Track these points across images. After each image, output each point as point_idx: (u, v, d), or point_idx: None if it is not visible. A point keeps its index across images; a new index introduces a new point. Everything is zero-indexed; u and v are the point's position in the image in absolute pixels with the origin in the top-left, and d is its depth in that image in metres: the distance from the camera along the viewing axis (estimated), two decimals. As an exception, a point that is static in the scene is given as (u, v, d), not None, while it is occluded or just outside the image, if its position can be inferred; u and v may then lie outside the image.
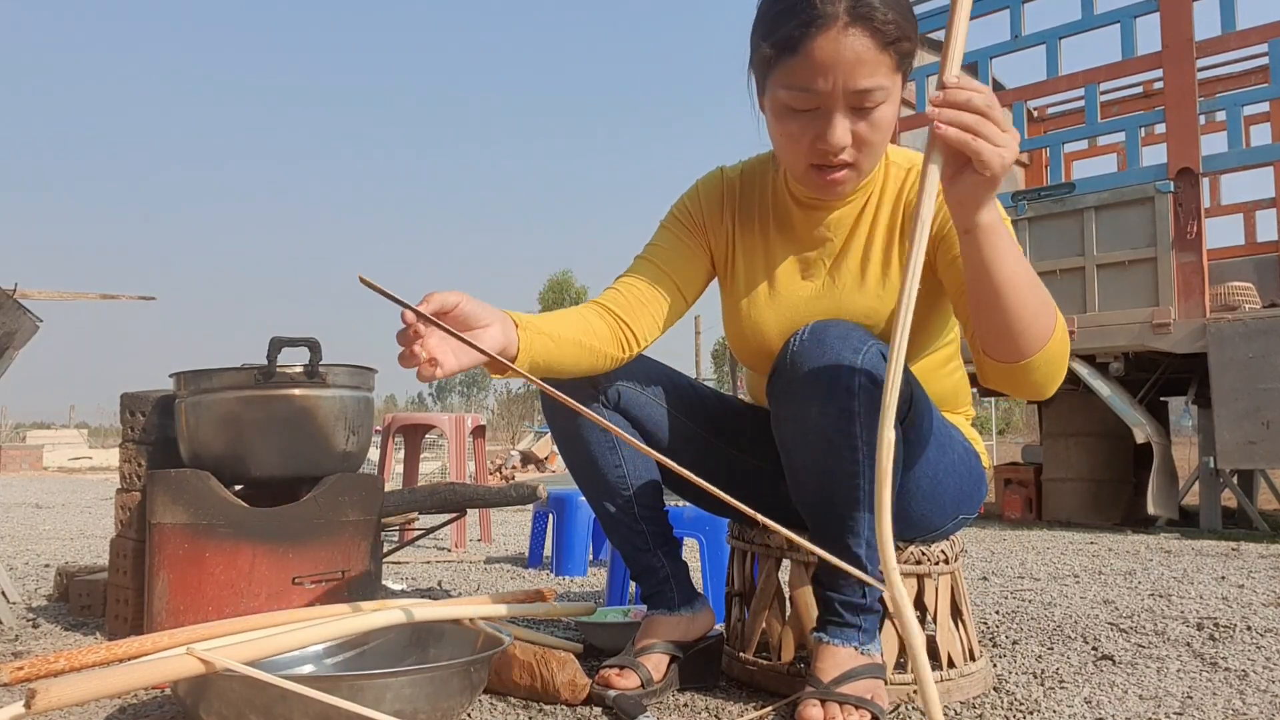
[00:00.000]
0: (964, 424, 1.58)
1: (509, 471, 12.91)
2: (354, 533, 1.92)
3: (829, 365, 1.28)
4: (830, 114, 1.27)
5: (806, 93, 1.26)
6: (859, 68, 1.23)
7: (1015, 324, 1.16)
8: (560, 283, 47.13)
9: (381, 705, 1.16)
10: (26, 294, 2.45)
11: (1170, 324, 4.62)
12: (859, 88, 1.24)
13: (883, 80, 1.25)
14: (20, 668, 1.15)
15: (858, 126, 1.29)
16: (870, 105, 1.27)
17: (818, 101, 1.27)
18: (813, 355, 1.29)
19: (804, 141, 1.31)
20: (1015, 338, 1.18)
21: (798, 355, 1.31)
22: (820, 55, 1.23)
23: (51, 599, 2.53)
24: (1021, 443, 12.10)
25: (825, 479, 1.32)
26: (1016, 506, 5.58)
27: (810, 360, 1.29)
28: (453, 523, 3.06)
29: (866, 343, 1.30)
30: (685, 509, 2.14)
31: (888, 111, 1.29)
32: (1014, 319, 1.16)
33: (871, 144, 1.31)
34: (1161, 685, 1.57)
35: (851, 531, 1.33)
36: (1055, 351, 1.21)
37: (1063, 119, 7.00)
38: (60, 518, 5.87)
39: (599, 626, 1.80)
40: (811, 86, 1.25)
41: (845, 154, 1.31)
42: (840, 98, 1.25)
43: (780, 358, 1.34)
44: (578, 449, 1.56)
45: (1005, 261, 1.13)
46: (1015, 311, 1.15)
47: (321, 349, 1.92)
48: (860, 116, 1.28)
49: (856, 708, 1.28)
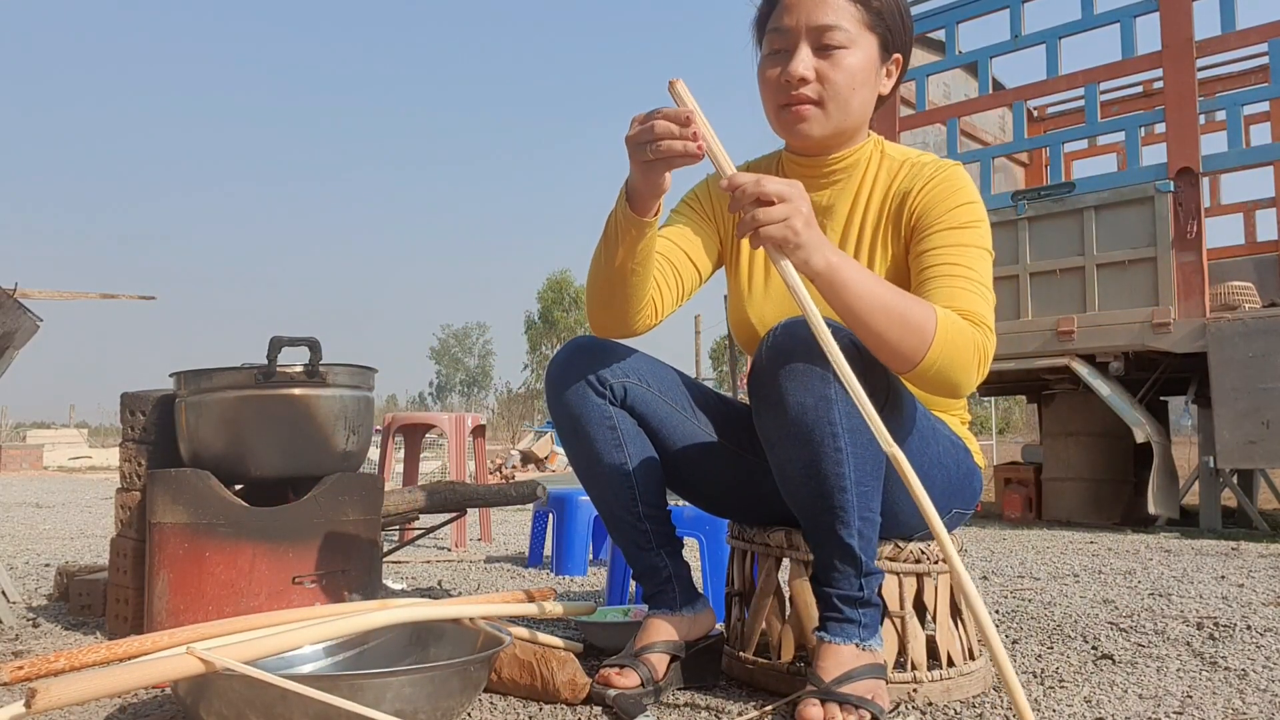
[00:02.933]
0: (956, 424, 1.59)
1: (509, 471, 12.91)
2: (354, 532, 1.92)
3: (804, 356, 1.31)
4: (794, 49, 1.43)
5: (778, 33, 1.45)
6: (820, 5, 1.42)
7: (886, 339, 1.28)
8: (559, 282, 47.14)
9: (381, 705, 1.16)
10: (26, 293, 2.45)
11: (1170, 323, 4.62)
12: (819, 23, 1.42)
13: (845, 23, 1.42)
14: (20, 667, 1.15)
15: (820, 64, 1.43)
16: (832, 45, 1.42)
17: (787, 41, 1.44)
18: (787, 348, 1.33)
19: (774, 80, 1.46)
20: (892, 350, 1.29)
21: (773, 350, 1.34)
22: None
23: (52, 598, 2.53)
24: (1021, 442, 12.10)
25: (810, 469, 1.33)
26: (1016, 506, 5.59)
27: (785, 353, 1.33)
28: (453, 522, 3.06)
29: (839, 331, 1.32)
30: (685, 508, 2.14)
31: (853, 58, 1.44)
32: (883, 336, 1.28)
33: (835, 83, 1.44)
34: (1161, 684, 1.57)
35: (841, 521, 1.33)
36: (942, 354, 1.29)
37: (1063, 118, 7.01)
38: (60, 517, 5.87)
39: (599, 626, 1.80)
40: (781, 25, 1.44)
41: (809, 89, 1.44)
42: (803, 33, 1.43)
43: (757, 354, 1.38)
44: (582, 446, 1.56)
45: (853, 292, 1.26)
46: (881, 330, 1.28)
47: (321, 348, 1.92)
48: (823, 55, 1.43)
49: (856, 708, 1.28)
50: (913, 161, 1.53)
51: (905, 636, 1.46)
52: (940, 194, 1.46)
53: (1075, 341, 4.90)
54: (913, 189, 1.49)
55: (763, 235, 1.22)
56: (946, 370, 1.31)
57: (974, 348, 1.32)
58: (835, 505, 1.33)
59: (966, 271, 1.39)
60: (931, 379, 1.32)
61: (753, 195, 1.22)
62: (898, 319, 1.27)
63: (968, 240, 1.42)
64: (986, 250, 1.44)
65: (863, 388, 1.33)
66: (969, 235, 1.43)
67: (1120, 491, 5.36)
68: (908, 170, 1.52)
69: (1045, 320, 5.03)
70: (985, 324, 1.35)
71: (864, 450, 1.33)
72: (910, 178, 1.50)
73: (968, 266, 1.40)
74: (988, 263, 1.43)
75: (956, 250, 1.41)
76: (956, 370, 1.31)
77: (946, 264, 1.40)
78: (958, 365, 1.31)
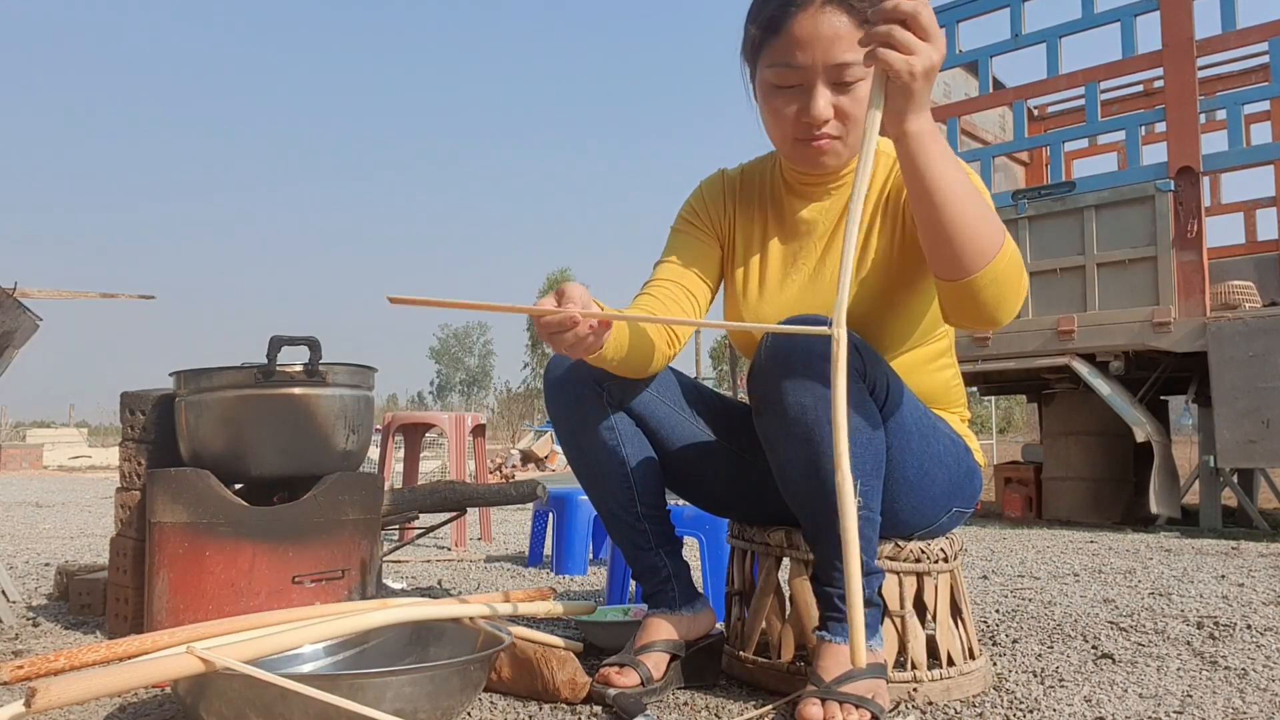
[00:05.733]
0: (956, 422, 1.59)
1: (509, 470, 12.90)
2: (354, 531, 1.92)
3: (801, 355, 1.31)
4: (812, 88, 1.37)
5: (789, 68, 1.36)
6: (836, 43, 1.33)
7: (955, 233, 1.18)
8: (559, 281, 47.09)
9: (381, 704, 1.16)
10: (26, 293, 2.45)
11: (1170, 323, 4.62)
12: (837, 61, 1.34)
13: (858, 55, 1.31)
14: (20, 666, 1.15)
15: (839, 100, 1.38)
16: (850, 80, 1.36)
17: (800, 78, 1.37)
18: (785, 350, 1.32)
19: (789, 116, 1.40)
20: (958, 248, 1.19)
21: (771, 352, 1.34)
22: (800, 32, 1.34)
23: (52, 598, 2.54)
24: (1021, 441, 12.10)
25: (810, 469, 1.33)
26: (1016, 505, 5.58)
27: (783, 355, 1.33)
28: (453, 521, 3.06)
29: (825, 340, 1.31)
30: (685, 508, 2.14)
31: (867, 87, 1.35)
32: (953, 227, 1.18)
33: (854, 118, 1.39)
34: (1161, 684, 1.57)
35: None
36: (1003, 270, 1.21)
37: (1063, 118, 7.00)
38: (60, 516, 5.87)
39: (599, 625, 1.80)
40: (793, 62, 1.36)
41: (830, 127, 1.39)
42: (820, 72, 1.35)
43: (756, 355, 1.38)
44: (582, 447, 1.56)
45: (937, 167, 1.17)
46: (954, 219, 1.18)
47: (321, 348, 1.92)
48: (841, 91, 1.37)
49: (856, 707, 1.28)
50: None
51: (905, 636, 1.46)
52: None
53: (1075, 341, 4.90)
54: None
55: (892, 63, 1.09)
56: (1004, 287, 1.22)
57: (1023, 275, 1.26)
58: (835, 504, 1.33)
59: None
60: (985, 294, 1.22)
61: (905, 14, 1.09)
62: (975, 209, 1.18)
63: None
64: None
65: (862, 384, 1.33)
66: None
67: (1120, 491, 5.36)
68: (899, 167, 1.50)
69: (1045, 319, 5.02)
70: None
71: (863, 450, 1.33)
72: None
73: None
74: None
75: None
76: (1009, 291, 1.23)
77: None
78: (1012, 286, 1.23)
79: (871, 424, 1.35)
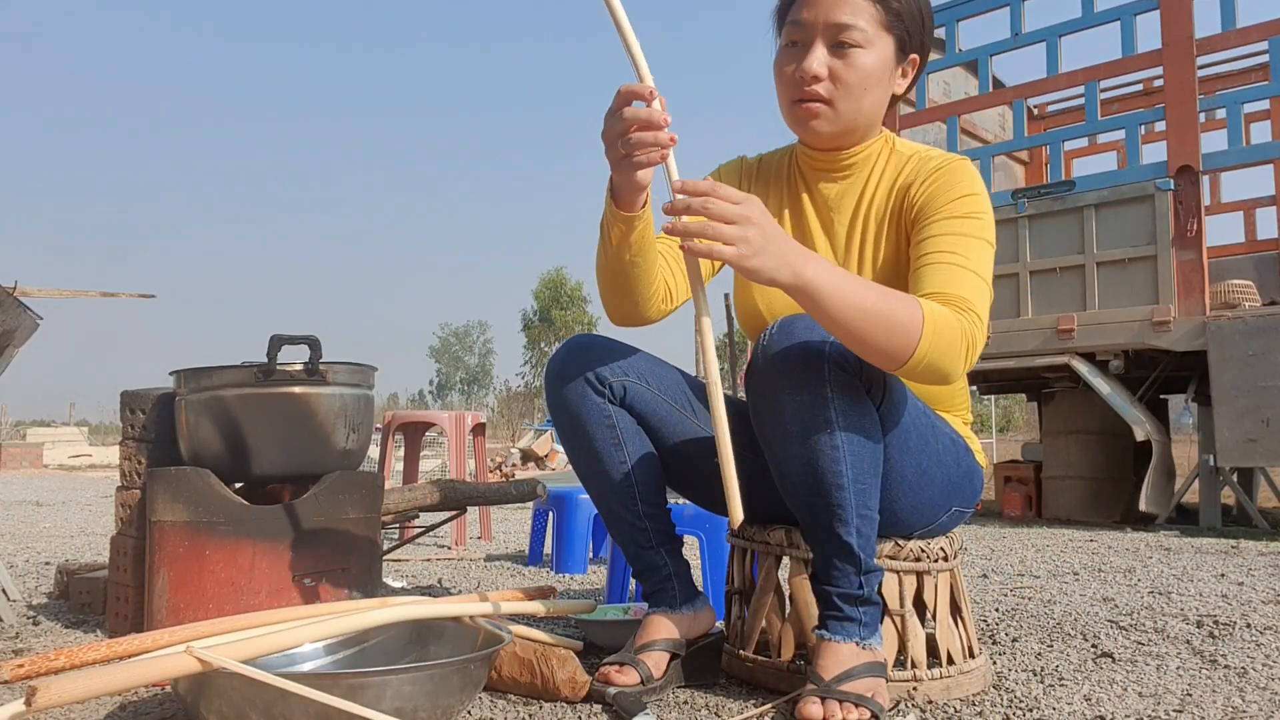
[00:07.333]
0: (958, 423, 1.59)
1: (509, 469, 12.90)
2: (354, 530, 1.92)
3: (799, 354, 1.31)
4: (810, 45, 1.43)
5: (795, 25, 1.45)
6: (840, 4, 1.42)
7: (871, 349, 1.25)
8: (554, 280, 47.08)
9: (381, 703, 1.16)
10: (26, 291, 2.46)
11: (1170, 322, 4.62)
12: (836, 21, 1.42)
13: (862, 23, 1.42)
14: (21, 665, 1.15)
15: (834, 63, 1.44)
16: (848, 43, 1.42)
17: (803, 34, 1.44)
18: (783, 347, 1.32)
19: (789, 75, 1.46)
20: (875, 356, 1.27)
21: (769, 349, 1.34)
22: None
23: (52, 597, 2.54)
24: (1021, 440, 12.10)
25: (807, 467, 1.33)
26: (1016, 504, 5.58)
27: (781, 352, 1.32)
28: (453, 520, 3.06)
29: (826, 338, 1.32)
30: (685, 506, 2.14)
31: (867, 58, 1.43)
32: (866, 346, 1.25)
33: (847, 83, 1.44)
34: (1161, 683, 1.57)
35: (840, 519, 1.33)
36: (928, 354, 1.26)
37: (1063, 116, 7.00)
38: (60, 515, 5.87)
39: (599, 624, 1.80)
40: (799, 18, 1.44)
41: (820, 87, 1.45)
42: (820, 29, 1.43)
43: (753, 354, 1.38)
44: (582, 445, 1.56)
45: (832, 308, 1.22)
46: (864, 340, 1.24)
47: (321, 347, 1.92)
48: (838, 54, 1.43)
49: (856, 706, 1.28)
50: (920, 156, 1.53)
51: (905, 634, 1.46)
52: (943, 185, 1.46)
53: (1075, 340, 4.90)
54: (915, 180, 1.49)
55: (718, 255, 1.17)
56: (935, 363, 1.28)
57: (961, 336, 1.29)
58: (833, 503, 1.33)
59: (960, 259, 1.37)
60: (920, 373, 1.29)
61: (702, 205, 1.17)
62: (882, 322, 1.23)
63: (966, 230, 1.41)
64: (986, 241, 1.41)
65: (859, 384, 1.33)
66: (968, 225, 1.41)
67: (1120, 490, 5.36)
68: (914, 164, 1.52)
69: (1045, 318, 5.02)
70: (973, 310, 1.31)
71: (861, 448, 1.33)
72: (915, 171, 1.51)
73: (962, 254, 1.38)
74: (986, 254, 1.40)
75: (953, 239, 1.40)
76: (945, 361, 1.28)
77: (941, 251, 1.39)
78: (946, 356, 1.28)
79: (868, 423, 1.34)
